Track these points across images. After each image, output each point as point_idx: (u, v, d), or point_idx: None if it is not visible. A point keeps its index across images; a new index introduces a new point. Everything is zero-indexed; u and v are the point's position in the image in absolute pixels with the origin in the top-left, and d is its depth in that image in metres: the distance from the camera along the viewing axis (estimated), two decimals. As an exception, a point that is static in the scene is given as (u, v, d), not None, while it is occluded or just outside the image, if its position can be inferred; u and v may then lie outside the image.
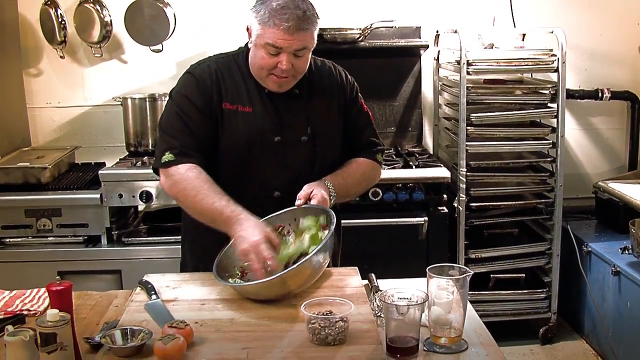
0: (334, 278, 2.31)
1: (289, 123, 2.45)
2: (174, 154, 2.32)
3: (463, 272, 1.93)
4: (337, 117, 2.55)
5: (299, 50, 2.29)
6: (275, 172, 2.45)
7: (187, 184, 2.28)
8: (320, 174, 2.47)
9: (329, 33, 4.13)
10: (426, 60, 4.53)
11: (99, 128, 4.53)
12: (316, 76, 2.53)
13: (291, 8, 2.23)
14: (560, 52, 3.86)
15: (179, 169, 2.30)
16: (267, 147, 2.42)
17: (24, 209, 3.72)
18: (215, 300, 2.15)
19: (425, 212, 3.83)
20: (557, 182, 3.98)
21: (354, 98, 2.61)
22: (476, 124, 3.90)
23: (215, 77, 2.42)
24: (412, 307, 1.83)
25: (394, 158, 4.14)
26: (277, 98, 2.43)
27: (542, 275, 4.11)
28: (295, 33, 2.24)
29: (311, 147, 2.48)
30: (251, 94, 2.43)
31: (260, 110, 2.42)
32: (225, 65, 2.47)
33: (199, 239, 2.52)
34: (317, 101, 2.50)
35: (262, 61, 2.32)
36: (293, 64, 2.31)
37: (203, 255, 2.44)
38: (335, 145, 2.57)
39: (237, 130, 2.40)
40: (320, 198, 2.32)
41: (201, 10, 4.35)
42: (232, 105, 2.41)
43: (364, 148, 2.63)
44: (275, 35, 2.24)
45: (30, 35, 4.41)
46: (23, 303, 2.19)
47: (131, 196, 3.76)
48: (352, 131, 2.60)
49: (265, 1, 2.28)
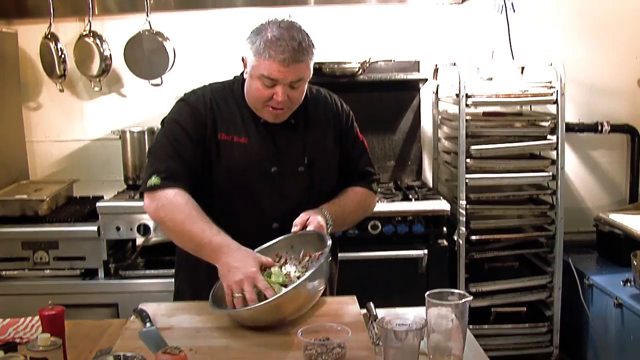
0: (332, 307, 2.28)
1: (285, 153, 2.43)
2: (161, 178, 2.28)
3: (462, 298, 1.90)
4: (333, 146, 2.54)
5: (295, 81, 2.27)
6: (272, 203, 2.42)
7: (175, 208, 2.24)
8: (318, 203, 2.45)
9: (328, 67, 4.13)
10: (425, 94, 4.53)
11: (98, 162, 4.52)
12: (311, 105, 2.52)
13: (286, 39, 2.21)
14: (559, 84, 3.86)
15: (167, 193, 2.27)
16: (264, 177, 2.40)
17: (21, 241, 3.70)
18: (210, 329, 2.11)
19: (425, 245, 3.80)
20: (558, 215, 3.96)
21: (350, 127, 2.60)
22: (475, 156, 3.89)
23: (209, 106, 2.40)
24: (411, 333, 1.80)
25: (393, 191, 4.12)
26: (273, 128, 2.42)
27: (544, 309, 4.06)
28: (291, 65, 2.22)
29: (308, 177, 2.46)
30: (247, 124, 2.41)
31: (256, 140, 2.40)
32: (221, 94, 2.45)
33: (194, 269, 2.48)
34: (313, 130, 2.49)
35: (257, 93, 2.31)
36: (289, 95, 2.29)
37: (198, 286, 2.40)
38: (332, 174, 2.56)
39: (233, 160, 2.38)
40: (317, 224, 2.30)
41: (200, 44, 4.37)
42: (227, 135, 2.39)
43: (360, 177, 2.61)
44: (270, 67, 2.22)
45: (30, 69, 4.43)
46: (16, 331, 2.16)
47: (129, 229, 3.74)
48: (347, 160, 2.58)
49: (260, 32, 2.26)
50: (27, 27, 4.37)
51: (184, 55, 4.33)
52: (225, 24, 4.36)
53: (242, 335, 2.05)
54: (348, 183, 2.59)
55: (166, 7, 4.36)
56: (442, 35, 4.48)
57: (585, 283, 3.97)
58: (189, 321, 2.18)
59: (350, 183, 2.59)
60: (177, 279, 2.67)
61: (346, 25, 4.43)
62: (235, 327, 2.10)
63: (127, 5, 4.35)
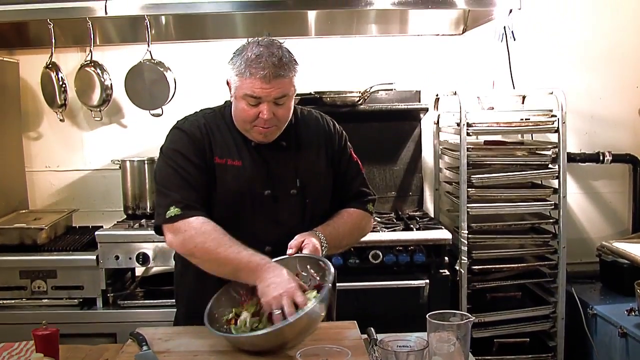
0: (332, 331, 2.25)
1: (278, 176, 2.42)
2: (180, 208, 2.26)
3: (464, 319, 1.87)
4: (326, 167, 2.52)
5: (279, 98, 2.27)
6: (265, 227, 2.40)
7: (206, 238, 2.21)
8: (311, 226, 2.43)
9: (328, 96, 4.13)
10: (426, 125, 4.53)
11: (98, 192, 4.51)
12: (302, 126, 2.51)
13: (266, 56, 2.22)
14: (560, 113, 3.85)
15: (192, 222, 2.24)
16: (257, 201, 2.39)
17: (19, 269, 3.66)
18: (208, 352, 2.08)
19: (427, 274, 3.75)
20: (560, 244, 3.92)
21: (343, 147, 2.59)
22: (477, 185, 3.86)
23: (204, 130, 2.40)
24: (412, 355, 1.76)
25: (395, 221, 4.09)
26: (265, 150, 2.41)
27: (547, 340, 4.01)
28: (273, 81, 2.23)
29: (301, 200, 2.45)
30: (239, 148, 2.40)
31: (249, 163, 2.39)
32: (212, 119, 2.45)
33: (195, 299, 2.45)
34: (305, 152, 2.48)
35: (243, 113, 2.31)
36: (275, 112, 2.29)
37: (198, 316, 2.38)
38: (326, 196, 2.54)
39: (228, 184, 2.37)
40: (312, 248, 2.28)
41: (201, 75, 4.37)
42: (221, 159, 2.38)
43: (354, 198, 2.59)
44: (252, 85, 2.23)
45: (31, 98, 4.44)
46: (10, 355, 2.13)
47: (128, 258, 3.70)
48: (341, 181, 2.57)
49: (240, 53, 2.28)
50: (29, 57, 4.39)
51: (185, 85, 4.32)
52: (226, 55, 4.32)
53: (240, 358, 2.01)
54: (343, 204, 2.57)
55: (167, 37, 4.39)
56: (443, 65, 4.49)
57: (588, 313, 3.92)
58: (186, 345, 2.14)
59: (345, 204, 2.57)
60: (178, 308, 2.63)
61: (347, 56, 4.45)
62: (233, 350, 2.07)
63: (128, 36, 4.37)
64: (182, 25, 4.39)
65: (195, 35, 4.41)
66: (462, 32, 4.49)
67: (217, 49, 4.39)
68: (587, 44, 4.52)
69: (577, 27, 4.51)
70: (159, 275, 4.12)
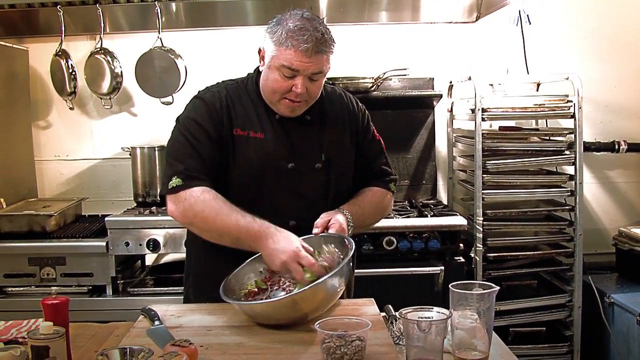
0: (350, 307, 2.19)
1: (301, 150, 2.37)
2: (181, 179, 2.22)
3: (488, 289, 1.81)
4: (349, 145, 2.48)
5: (315, 74, 2.23)
6: (288, 201, 2.35)
7: (205, 206, 2.18)
8: (335, 202, 2.39)
9: (341, 82, 4.08)
10: (439, 113, 4.47)
11: (107, 181, 4.47)
12: (327, 103, 2.47)
13: (310, 30, 2.17)
14: (576, 98, 3.79)
15: (193, 192, 2.20)
16: (280, 174, 2.33)
17: (28, 257, 3.62)
18: (221, 327, 2.02)
19: (442, 261, 3.69)
20: (577, 231, 3.85)
21: (366, 126, 2.55)
22: (492, 171, 3.80)
23: (225, 102, 2.35)
24: (435, 325, 1.70)
25: (408, 209, 4.03)
26: (289, 124, 2.36)
27: (563, 329, 3.94)
28: (313, 56, 2.18)
29: (325, 175, 2.40)
30: (262, 120, 2.35)
31: (272, 136, 2.34)
32: (235, 91, 2.40)
33: (204, 275, 2.41)
34: (329, 128, 2.43)
35: (275, 84, 2.25)
36: (307, 88, 2.24)
37: (208, 292, 2.31)
38: (349, 173, 2.49)
39: (249, 156, 2.32)
40: (338, 227, 2.23)
41: (212, 63, 4.32)
42: (243, 131, 2.33)
43: (377, 177, 2.55)
44: (292, 57, 2.17)
45: (40, 87, 4.40)
46: (18, 331, 2.08)
47: (138, 244, 3.66)
48: (364, 159, 2.52)
49: (281, 22, 2.22)
50: (38, 45, 4.36)
51: (196, 73, 4.26)
52: (237, 42, 4.32)
53: (256, 332, 1.97)
54: (365, 183, 2.52)
55: (178, 25, 4.34)
56: (456, 52, 4.43)
57: (605, 301, 3.86)
58: (199, 321, 2.09)
59: (367, 183, 2.52)
60: (187, 283, 2.59)
61: (359, 44, 4.40)
62: (249, 325, 2.02)
63: (138, 23, 4.32)
64: (192, 13, 4.34)
65: (205, 22, 4.37)
66: (475, 20, 4.43)
67: (228, 36, 4.37)
68: (601, 31, 4.46)
69: (591, 14, 4.45)
70: (169, 263, 4.07)
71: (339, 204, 2.38)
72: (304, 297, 1.94)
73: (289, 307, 1.95)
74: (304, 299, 1.94)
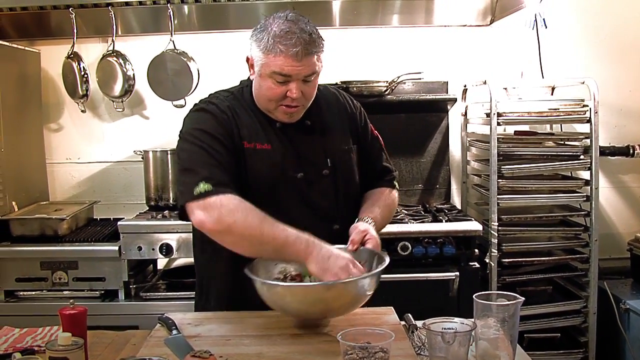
0: (369, 317, 2.16)
1: (308, 158, 2.32)
2: (211, 184, 2.06)
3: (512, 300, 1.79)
4: (351, 146, 2.44)
5: (308, 76, 2.17)
6: (301, 211, 2.28)
7: (248, 213, 2.02)
8: (344, 208, 2.36)
9: (355, 86, 4.04)
10: (453, 117, 4.44)
11: (119, 184, 4.45)
12: (323, 104, 2.42)
13: (297, 32, 2.10)
14: (592, 103, 3.75)
15: (228, 197, 2.04)
16: (290, 185, 2.28)
17: (40, 260, 3.60)
18: (240, 336, 2.00)
19: (457, 267, 3.65)
20: (592, 237, 3.81)
21: (364, 125, 2.52)
22: (507, 176, 3.76)
23: (230, 113, 2.26)
24: (459, 336, 1.68)
25: (423, 214, 4.00)
26: (291, 132, 2.31)
27: (578, 335, 3.90)
28: (304, 58, 2.12)
29: (333, 181, 2.35)
30: (266, 130, 2.28)
31: (278, 146, 2.27)
32: (235, 103, 2.31)
33: (220, 284, 2.37)
34: (330, 131, 2.39)
35: (269, 92, 2.19)
36: (302, 91, 2.19)
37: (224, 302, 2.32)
38: (354, 175, 2.45)
39: (259, 169, 2.24)
40: (375, 243, 2.18)
41: (224, 66, 4.28)
42: (249, 143, 2.25)
43: (380, 176, 2.52)
44: (282, 62, 2.11)
45: (52, 90, 4.39)
46: (34, 340, 2.06)
47: (151, 249, 3.63)
48: (367, 160, 2.49)
49: (266, 28, 2.14)
50: (50, 47, 4.34)
51: (208, 76, 4.24)
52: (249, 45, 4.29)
53: (276, 342, 1.94)
54: (370, 183, 2.49)
55: (190, 27, 4.32)
56: (470, 56, 4.40)
57: (621, 308, 3.82)
58: (217, 330, 2.06)
59: (371, 182, 2.49)
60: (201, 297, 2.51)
61: (372, 47, 4.37)
62: (267, 334, 1.99)
63: (151, 26, 4.30)
64: (204, 15, 4.32)
65: (217, 25, 4.35)
66: (489, 23, 4.40)
67: (240, 39, 4.30)
68: (616, 35, 4.42)
69: (605, 18, 4.41)
70: (181, 267, 4.05)
71: (348, 208, 2.35)
72: (336, 289, 1.92)
73: (320, 294, 1.93)
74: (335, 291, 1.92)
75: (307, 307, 1.95)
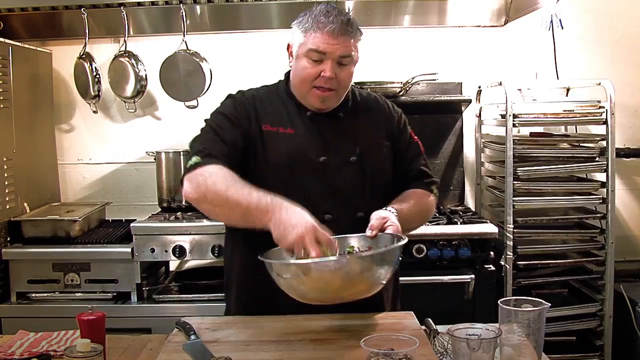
0: (389, 322, 2.13)
1: (334, 144, 2.34)
2: (201, 157, 2.15)
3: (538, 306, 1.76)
4: (385, 141, 2.43)
5: (343, 57, 2.23)
6: (322, 195, 2.27)
7: (218, 179, 2.05)
8: (372, 199, 2.31)
9: (369, 86, 4.00)
10: (468, 118, 4.41)
11: (131, 186, 4.43)
12: (361, 103, 2.47)
13: (335, 13, 2.22)
14: (608, 104, 3.71)
15: (208, 168, 2.10)
16: (311, 168, 2.29)
17: (52, 262, 3.58)
18: (260, 342, 1.96)
19: (472, 270, 3.62)
20: (608, 240, 3.77)
21: (402, 127, 2.52)
22: (523, 178, 3.73)
23: (252, 99, 2.37)
24: (485, 343, 1.64)
25: (437, 216, 3.96)
26: (320, 120, 2.35)
27: (594, 339, 3.86)
28: (340, 37, 2.20)
29: (360, 168, 2.34)
30: (292, 117, 2.35)
31: (303, 132, 2.33)
32: (266, 94, 2.43)
33: (246, 283, 2.34)
34: (362, 124, 2.42)
35: (304, 72, 2.26)
36: (337, 74, 2.24)
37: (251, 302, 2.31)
38: (385, 168, 2.42)
39: (279, 150, 2.29)
40: (396, 229, 2.09)
41: (236, 66, 4.28)
42: (272, 127, 2.32)
43: (416, 178, 2.49)
44: (319, 39, 2.21)
45: (64, 90, 4.37)
46: (49, 344, 2.03)
47: (163, 251, 3.60)
48: (401, 159, 2.47)
49: (307, 12, 2.28)
50: (62, 48, 4.32)
51: (221, 77, 4.23)
52: (262, 45, 4.29)
53: (296, 347, 1.90)
54: (405, 184, 2.45)
55: (202, 28, 4.30)
56: (484, 57, 4.37)
57: (637, 311, 3.78)
58: (236, 335, 2.03)
59: (407, 185, 2.45)
60: (229, 296, 2.48)
61: (386, 48, 4.34)
62: (287, 340, 1.96)
63: (163, 26, 4.28)
64: (217, 16, 4.30)
65: (230, 25, 4.33)
66: (503, 24, 4.37)
67: (253, 39, 4.32)
68: (631, 35, 4.39)
69: (620, 19, 4.38)
70: (194, 269, 4.03)
71: (377, 201, 2.29)
72: (363, 261, 1.84)
73: (350, 267, 1.80)
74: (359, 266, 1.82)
75: (328, 287, 1.82)
